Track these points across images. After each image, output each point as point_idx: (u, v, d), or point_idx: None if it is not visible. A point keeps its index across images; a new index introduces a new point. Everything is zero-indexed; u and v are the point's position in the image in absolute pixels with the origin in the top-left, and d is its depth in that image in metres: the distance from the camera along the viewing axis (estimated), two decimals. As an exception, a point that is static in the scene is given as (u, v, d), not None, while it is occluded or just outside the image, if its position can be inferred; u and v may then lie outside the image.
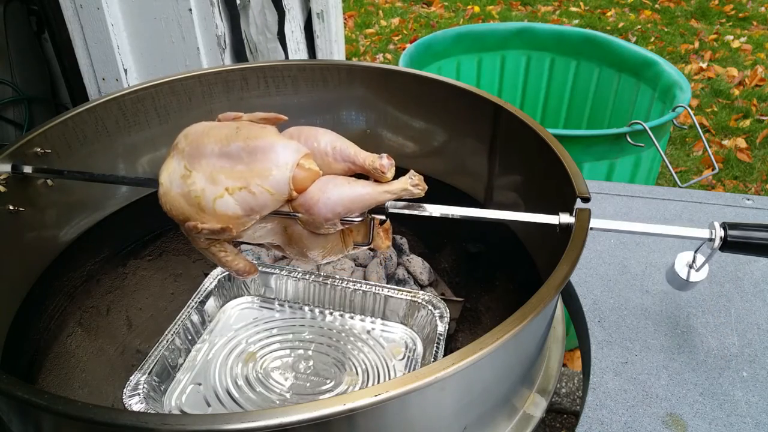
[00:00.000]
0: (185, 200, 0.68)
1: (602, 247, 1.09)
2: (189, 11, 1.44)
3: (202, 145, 0.68)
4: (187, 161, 0.68)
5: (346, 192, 0.67)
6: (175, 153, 0.71)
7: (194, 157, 0.68)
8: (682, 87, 1.90)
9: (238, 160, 0.66)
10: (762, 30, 4.56)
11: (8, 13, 1.93)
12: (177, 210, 0.69)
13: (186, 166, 0.68)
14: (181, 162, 0.69)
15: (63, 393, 0.94)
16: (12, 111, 2.03)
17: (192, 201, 0.68)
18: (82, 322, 1.03)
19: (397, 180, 0.68)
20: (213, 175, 0.67)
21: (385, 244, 0.77)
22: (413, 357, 1.03)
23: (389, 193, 0.67)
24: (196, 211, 0.68)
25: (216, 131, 0.68)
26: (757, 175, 2.92)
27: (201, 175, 0.67)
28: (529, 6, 5.06)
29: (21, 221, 0.86)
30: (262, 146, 0.65)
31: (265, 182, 0.66)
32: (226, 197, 0.66)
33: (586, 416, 0.80)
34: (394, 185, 0.68)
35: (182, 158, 0.69)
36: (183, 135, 0.71)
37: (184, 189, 0.68)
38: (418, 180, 0.68)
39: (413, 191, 0.68)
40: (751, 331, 0.93)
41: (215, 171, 0.67)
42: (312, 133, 0.71)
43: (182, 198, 0.68)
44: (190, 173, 0.68)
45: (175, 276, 1.19)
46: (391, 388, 0.51)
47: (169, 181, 0.69)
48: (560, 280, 0.62)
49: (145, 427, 0.50)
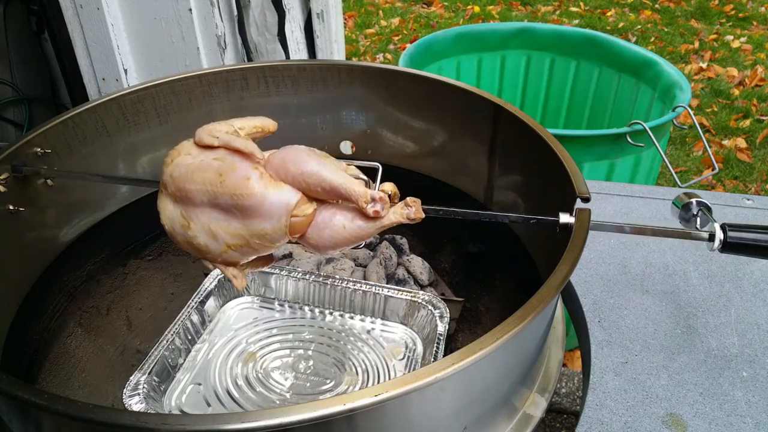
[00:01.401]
0: (192, 248, 0.72)
1: (602, 247, 1.09)
2: (189, 11, 1.44)
3: (190, 192, 0.68)
4: (182, 207, 0.70)
5: (341, 234, 0.68)
6: (166, 193, 0.71)
7: (187, 204, 0.70)
8: (682, 87, 1.90)
9: (232, 215, 0.68)
10: (762, 30, 4.56)
11: (8, 13, 1.93)
12: (187, 249, 0.74)
13: (183, 214, 0.70)
14: (177, 207, 0.71)
15: (63, 393, 0.94)
16: (12, 111, 2.03)
17: (199, 249, 0.72)
18: (82, 322, 1.03)
19: (393, 211, 0.67)
20: (211, 229, 0.69)
21: (418, 216, 0.72)
22: (413, 357, 1.03)
23: (386, 227, 0.68)
24: (205, 255, 0.72)
25: (199, 175, 0.68)
26: (757, 175, 2.92)
27: (200, 228, 0.69)
28: (529, 6, 5.06)
29: (21, 221, 0.86)
30: (251, 204, 0.66)
31: (264, 240, 0.68)
32: (230, 252, 0.70)
33: (586, 416, 0.80)
34: (391, 218, 0.67)
35: (176, 203, 0.71)
36: (169, 174, 0.70)
37: (187, 238, 0.71)
38: (416, 210, 0.67)
39: (410, 222, 0.68)
40: (751, 331, 0.93)
41: (212, 225, 0.69)
42: (295, 159, 0.68)
43: (189, 245, 0.72)
44: (188, 224, 0.70)
45: (175, 276, 1.19)
46: (391, 388, 0.51)
47: (171, 225, 0.72)
48: (560, 280, 0.62)
49: (145, 427, 0.50)
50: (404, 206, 0.67)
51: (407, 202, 0.67)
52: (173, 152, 0.71)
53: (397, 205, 0.67)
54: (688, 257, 1.07)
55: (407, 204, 0.67)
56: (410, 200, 0.67)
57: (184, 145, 0.71)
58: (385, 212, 0.67)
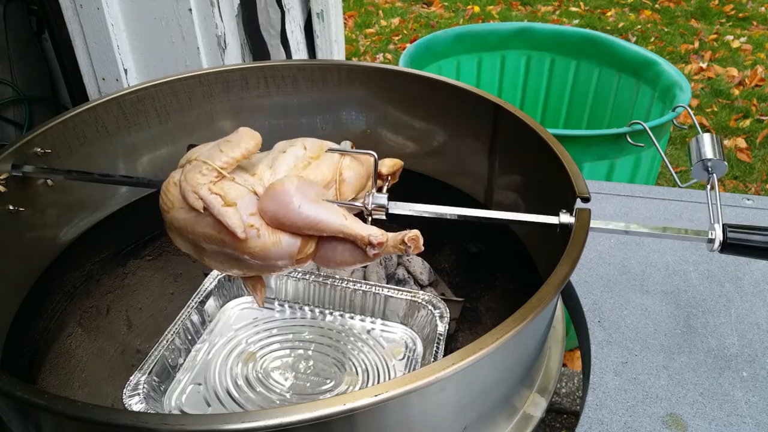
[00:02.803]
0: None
1: (602, 247, 1.09)
2: (189, 11, 1.44)
3: (196, 239, 0.71)
4: (192, 249, 0.74)
5: (346, 260, 0.71)
6: (173, 229, 0.73)
7: (197, 247, 0.72)
8: (682, 87, 1.90)
9: (243, 261, 0.71)
10: (762, 30, 4.56)
11: (8, 13, 1.93)
12: None
13: (194, 252, 0.74)
14: (187, 245, 0.74)
15: (63, 393, 0.94)
16: (12, 111, 2.02)
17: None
18: (82, 322, 1.03)
19: (393, 245, 0.68)
20: (225, 267, 0.74)
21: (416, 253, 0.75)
22: (413, 357, 1.03)
23: (385, 253, 0.71)
24: None
25: (198, 230, 0.69)
26: (757, 175, 2.92)
27: (213, 261, 0.73)
28: (529, 6, 5.06)
29: (21, 221, 0.86)
30: (260, 258, 0.69)
31: (275, 271, 0.73)
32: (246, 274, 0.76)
33: (586, 416, 0.80)
34: (390, 250, 0.69)
35: (186, 242, 0.73)
36: (170, 222, 0.72)
37: (204, 263, 0.75)
38: (414, 249, 0.68)
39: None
40: (751, 331, 0.93)
41: (225, 264, 0.73)
42: (286, 213, 0.67)
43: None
44: (202, 257, 0.74)
45: (175, 276, 1.19)
46: (391, 388, 0.51)
47: (185, 251, 0.75)
48: (560, 280, 0.62)
49: (145, 427, 0.50)
50: (402, 243, 0.68)
51: (405, 240, 0.68)
52: (166, 201, 0.72)
53: (396, 239, 0.68)
54: (688, 257, 1.07)
55: (405, 243, 0.68)
56: (408, 239, 0.68)
57: (172, 193, 0.71)
58: (384, 248, 0.69)
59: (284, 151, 0.74)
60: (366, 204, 0.73)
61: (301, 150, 0.74)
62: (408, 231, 0.67)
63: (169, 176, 0.72)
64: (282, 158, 0.72)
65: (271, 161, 0.72)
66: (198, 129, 1.08)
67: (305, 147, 0.74)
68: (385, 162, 0.78)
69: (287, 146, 0.75)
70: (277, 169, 0.71)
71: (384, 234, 0.68)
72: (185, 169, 0.70)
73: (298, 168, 0.72)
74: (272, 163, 0.72)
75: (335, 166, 0.74)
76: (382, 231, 0.68)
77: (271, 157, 0.73)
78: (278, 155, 0.73)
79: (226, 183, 0.68)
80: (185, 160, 0.73)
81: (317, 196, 0.70)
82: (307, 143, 0.75)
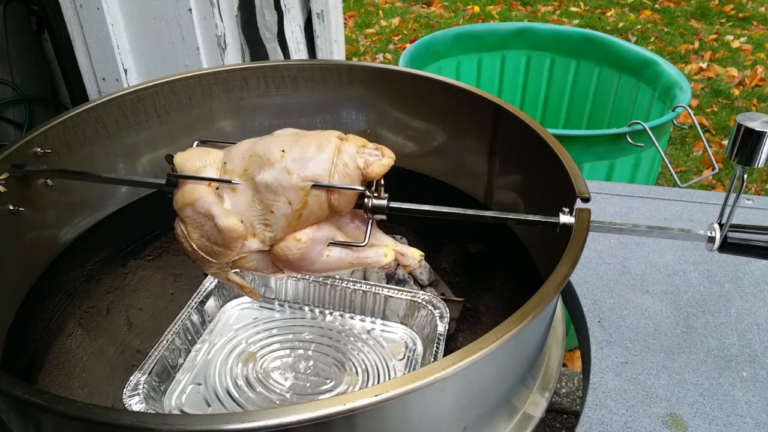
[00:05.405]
0: None
1: (602, 247, 1.09)
2: (189, 11, 1.44)
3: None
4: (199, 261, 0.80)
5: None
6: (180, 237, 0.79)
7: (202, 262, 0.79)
8: (682, 87, 1.90)
9: None
10: (762, 30, 4.56)
11: (8, 13, 1.93)
12: None
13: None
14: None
15: (63, 393, 0.94)
16: (12, 111, 2.02)
17: None
18: (82, 322, 1.03)
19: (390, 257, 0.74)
20: None
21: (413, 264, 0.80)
22: (413, 357, 1.02)
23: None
24: None
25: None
26: (757, 175, 2.92)
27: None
28: (529, 6, 5.06)
29: (21, 221, 0.86)
30: None
31: None
32: None
33: (586, 416, 0.80)
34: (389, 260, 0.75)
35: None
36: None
37: None
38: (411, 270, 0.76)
39: None
40: (751, 331, 0.93)
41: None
42: (299, 267, 0.74)
43: None
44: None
45: (175, 276, 1.19)
46: (391, 388, 0.51)
47: None
48: (560, 280, 0.62)
49: (145, 427, 0.50)
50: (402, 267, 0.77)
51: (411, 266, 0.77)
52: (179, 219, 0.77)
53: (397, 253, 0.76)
54: (688, 257, 1.07)
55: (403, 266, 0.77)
56: (414, 263, 0.77)
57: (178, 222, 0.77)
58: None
59: (267, 183, 0.70)
60: (366, 207, 0.72)
61: (286, 206, 0.70)
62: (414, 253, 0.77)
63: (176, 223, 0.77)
64: (273, 218, 0.70)
65: (262, 208, 0.71)
66: (198, 129, 1.08)
67: (290, 202, 0.69)
68: (374, 168, 0.72)
69: (267, 176, 0.70)
70: (275, 229, 0.71)
71: (391, 253, 0.74)
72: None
73: (292, 226, 0.70)
74: (264, 213, 0.71)
75: (325, 203, 0.71)
76: (388, 251, 0.74)
77: (263, 203, 0.71)
78: (268, 201, 0.70)
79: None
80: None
81: (323, 245, 0.73)
82: (274, 144, 0.72)
